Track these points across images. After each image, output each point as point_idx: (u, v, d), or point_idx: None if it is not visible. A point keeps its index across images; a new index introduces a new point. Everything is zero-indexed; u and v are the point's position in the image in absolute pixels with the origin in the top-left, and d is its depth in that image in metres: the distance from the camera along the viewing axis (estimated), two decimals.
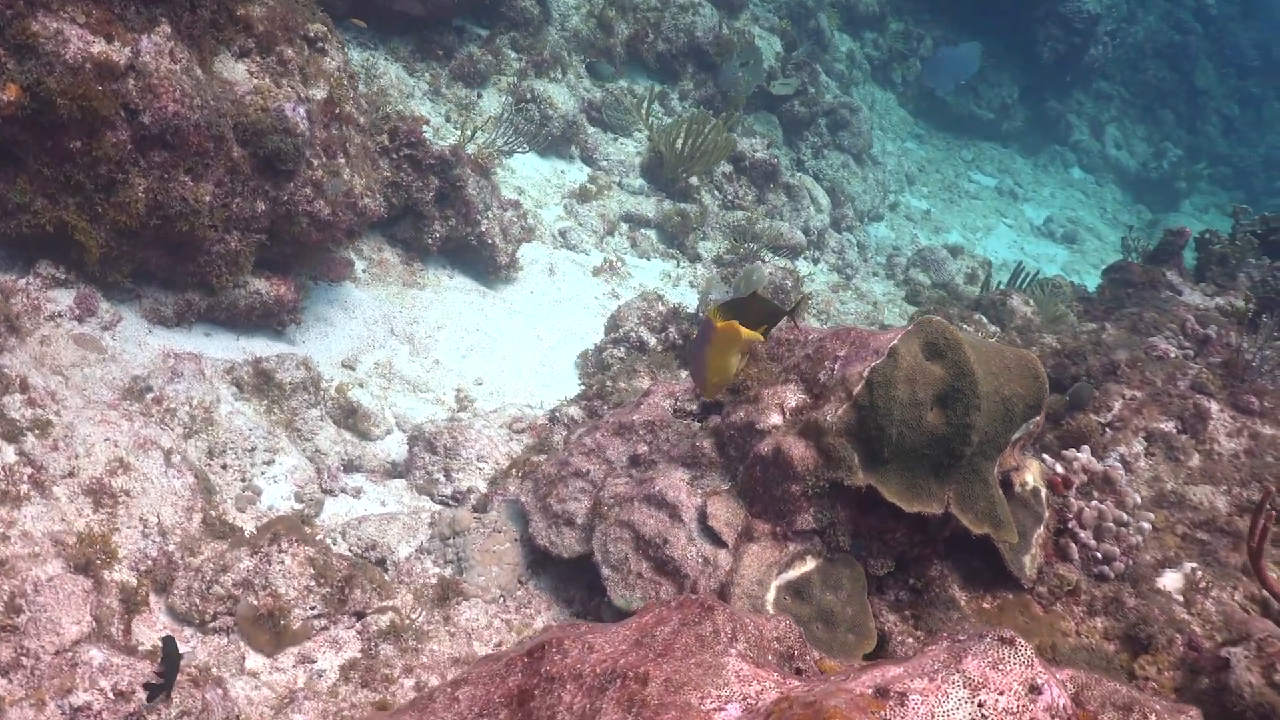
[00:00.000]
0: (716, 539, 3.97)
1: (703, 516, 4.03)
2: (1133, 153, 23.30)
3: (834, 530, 3.87)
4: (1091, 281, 17.24)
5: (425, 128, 7.85)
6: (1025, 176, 20.91)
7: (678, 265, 9.79)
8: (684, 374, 5.63)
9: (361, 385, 6.27)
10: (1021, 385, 3.84)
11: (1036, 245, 18.05)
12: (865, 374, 3.74)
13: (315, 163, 5.87)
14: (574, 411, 5.87)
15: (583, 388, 6.18)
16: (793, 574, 3.84)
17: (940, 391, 3.72)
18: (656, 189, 10.55)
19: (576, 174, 10.35)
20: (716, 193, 10.87)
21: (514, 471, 5.20)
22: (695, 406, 4.60)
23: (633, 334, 7.02)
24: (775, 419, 4.03)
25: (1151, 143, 23.71)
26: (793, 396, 4.07)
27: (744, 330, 3.96)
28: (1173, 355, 6.28)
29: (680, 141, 10.38)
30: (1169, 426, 5.54)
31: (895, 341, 3.78)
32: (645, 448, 4.49)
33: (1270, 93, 26.09)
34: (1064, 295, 8.70)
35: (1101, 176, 22.57)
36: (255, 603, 3.93)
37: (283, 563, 4.01)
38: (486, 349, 7.19)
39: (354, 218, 6.23)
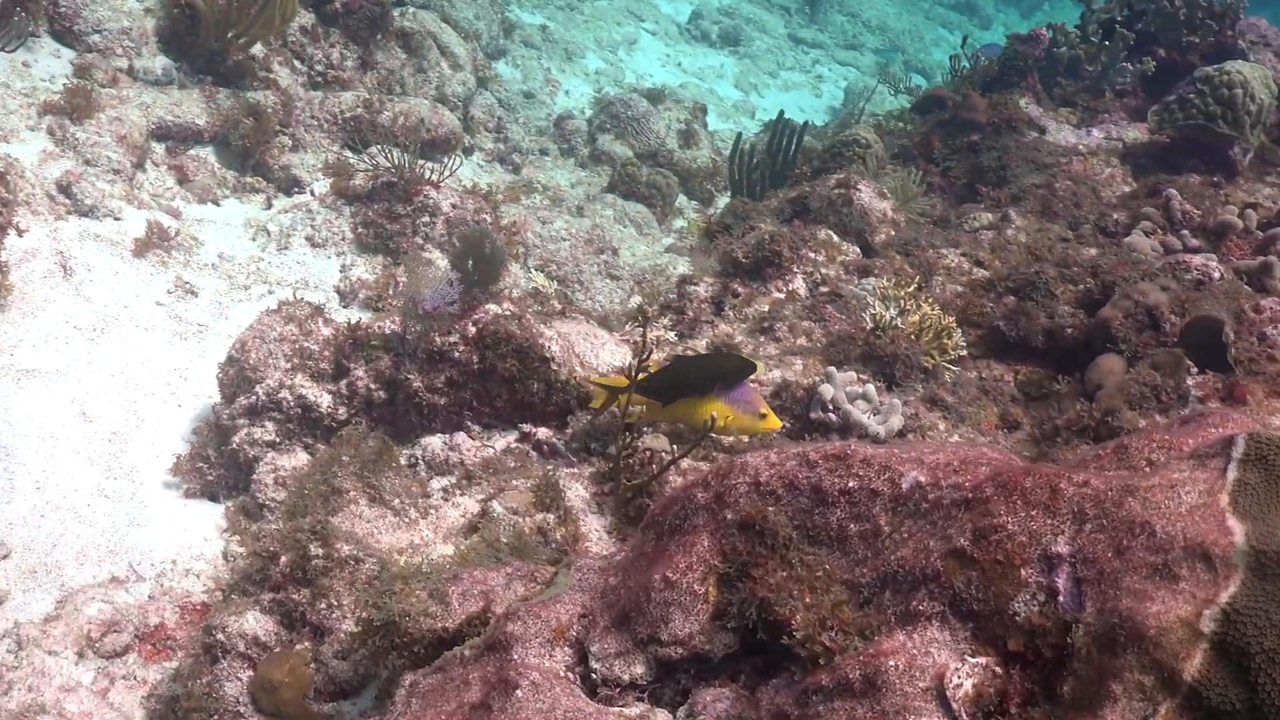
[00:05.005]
0: None
1: None
2: None
3: None
4: (772, 100, 16.47)
5: None
6: None
7: (269, 205, 7.50)
8: (554, 574, 3.43)
9: None
10: None
11: (695, 56, 17.00)
12: (1210, 628, 2.05)
13: None
14: (250, 627, 3.74)
15: (252, 560, 4.01)
16: None
17: None
18: (195, 71, 8.06)
19: (51, 64, 7.65)
20: (297, 63, 8.51)
21: None
22: (640, 668, 2.72)
23: (285, 394, 4.88)
24: None
25: None
26: (955, 661, 2.32)
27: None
28: (1215, 275, 5.23)
29: None
30: None
31: (1229, 517, 2.11)
32: None
33: None
34: (878, 157, 7.40)
35: None
36: None
37: None
38: None
39: None
